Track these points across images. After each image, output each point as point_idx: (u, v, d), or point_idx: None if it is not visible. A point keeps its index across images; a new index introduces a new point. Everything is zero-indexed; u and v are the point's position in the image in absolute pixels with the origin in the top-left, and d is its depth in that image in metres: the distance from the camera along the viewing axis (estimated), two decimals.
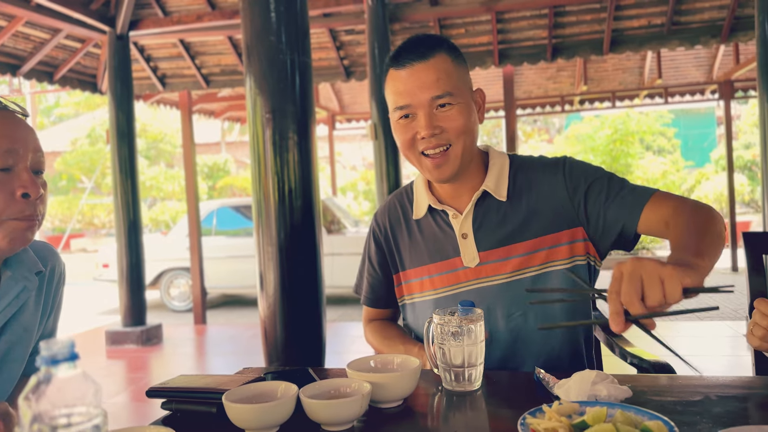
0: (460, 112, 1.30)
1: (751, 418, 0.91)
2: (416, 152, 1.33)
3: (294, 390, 0.98)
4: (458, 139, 1.31)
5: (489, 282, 1.36)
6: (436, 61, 1.29)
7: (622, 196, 1.30)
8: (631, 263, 0.92)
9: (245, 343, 5.78)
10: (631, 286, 0.90)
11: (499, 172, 1.40)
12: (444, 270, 1.41)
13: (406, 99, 1.30)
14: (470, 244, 1.38)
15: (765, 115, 4.64)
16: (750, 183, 14.24)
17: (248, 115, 2.75)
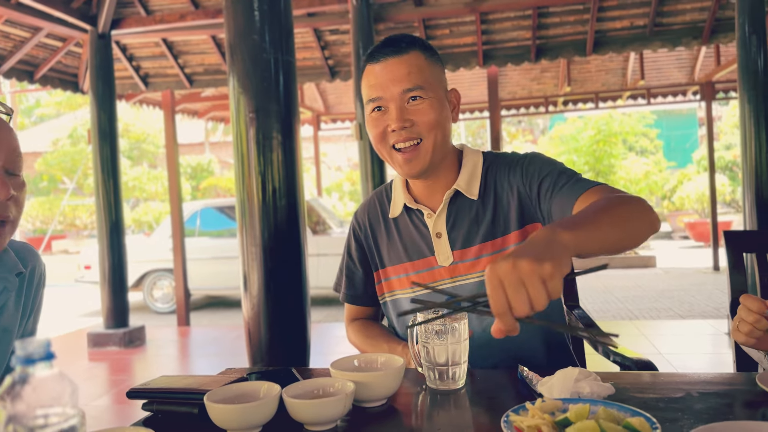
0: (432, 107, 1.31)
1: (732, 414, 0.91)
2: (387, 146, 1.34)
3: (277, 390, 0.98)
4: (429, 134, 1.32)
5: (463, 281, 1.38)
6: (409, 57, 1.32)
7: (562, 190, 1.27)
8: (491, 269, 0.84)
9: (229, 345, 5.74)
10: (498, 298, 0.82)
11: (471, 171, 1.41)
12: (420, 268, 1.43)
13: (378, 92, 1.32)
14: (444, 243, 1.39)
15: (745, 116, 4.71)
16: (731, 183, 14.43)
17: (231, 114, 2.73)
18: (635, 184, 11.20)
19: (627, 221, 1.03)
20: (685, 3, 5.60)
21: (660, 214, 15.16)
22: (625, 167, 11.35)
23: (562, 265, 0.83)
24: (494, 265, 0.83)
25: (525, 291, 0.81)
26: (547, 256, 0.83)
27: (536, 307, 0.81)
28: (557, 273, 0.82)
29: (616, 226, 1.00)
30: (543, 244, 0.86)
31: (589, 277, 8.98)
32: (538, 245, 0.86)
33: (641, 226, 1.05)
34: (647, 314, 6.15)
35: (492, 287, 0.83)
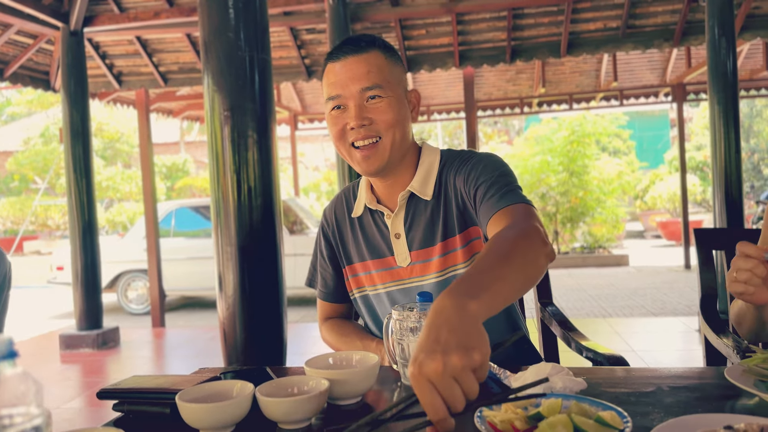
0: (390, 106, 1.32)
1: (701, 408, 0.93)
2: (346, 144, 1.34)
3: (250, 388, 0.97)
4: (387, 132, 1.32)
5: (421, 281, 1.39)
6: (369, 56, 1.32)
7: (489, 202, 1.26)
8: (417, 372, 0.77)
9: (204, 346, 5.69)
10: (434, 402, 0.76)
11: (427, 171, 1.41)
12: (380, 268, 1.44)
13: (338, 90, 1.32)
14: (402, 244, 1.41)
15: (715, 117, 4.80)
16: (702, 183, 14.72)
17: (206, 113, 2.70)
18: (608, 184, 11.34)
19: (525, 267, 1.00)
20: (656, 5, 5.69)
21: (632, 213, 15.41)
22: (599, 167, 11.49)
23: (487, 346, 0.80)
24: (420, 367, 0.77)
25: (459, 386, 0.76)
26: (472, 341, 0.79)
27: (471, 398, 0.77)
28: (486, 358, 0.79)
29: (517, 274, 0.97)
30: (459, 325, 0.81)
31: (563, 275, 9.09)
32: (454, 327, 0.80)
33: (537, 269, 1.03)
34: (620, 312, 6.24)
35: (425, 392, 0.76)
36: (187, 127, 20.42)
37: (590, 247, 10.98)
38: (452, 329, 0.80)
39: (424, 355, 0.78)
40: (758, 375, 0.96)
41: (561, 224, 11.07)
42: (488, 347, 0.80)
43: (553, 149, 11.18)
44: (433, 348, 0.78)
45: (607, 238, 11.12)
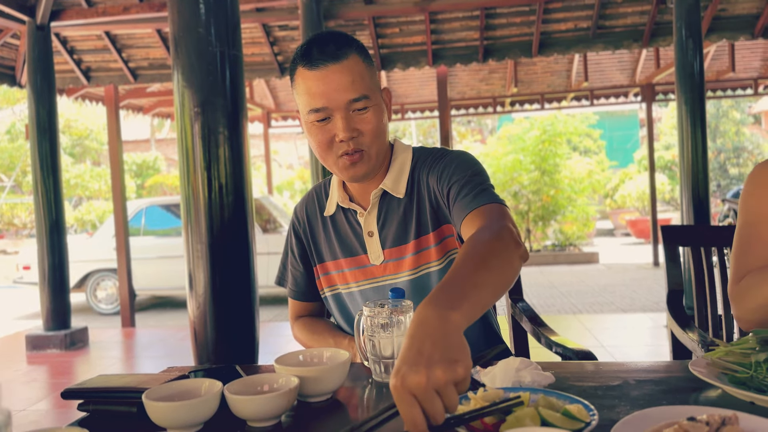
0: (375, 114, 1.30)
1: (666, 400, 0.94)
2: (334, 155, 1.31)
3: (218, 387, 0.96)
4: (374, 142, 1.31)
5: (394, 279, 1.39)
6: (350, 63, 1.27)
7: (463, 201, 1.26)
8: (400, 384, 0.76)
9: (176, 346, 5.62)
10: (415, 415, 0.75)
11: (399, 169, 1.40)
12: (354, 266, 1.43)
13: (323, 102, 1.27)
14: (375, 242, 1.40)
15: (682, 117, 4.90)
16: (670, 182, 15.00)
17: (176, 109, 2.67)
18: (579, 183, 11.49)
19: (502, 271, 1.00)
20: (626, 7, 5.78)
21: (602, 212, 15.64)
22: (570, 166, 11.64)
23: (469, 359, 0.79)
24: (403, 380, 0.75)
25: (440, 400, 0.75)
26: (456, 354, 0.78)
27: (451, 411, 0.77)
28: (468, 371, 0.78)
29: (495, 279, 0.97)
30: (443, 338, 0.80)
31: (534, 272, 9.19)
32: (437, 340, 0.80)
33: (513, 271, 1.03)
34: (590, 308, 6.33)
35: (406, 405, 0.75)
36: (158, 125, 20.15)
37: (561, 245, 11.12)
38: (435, 342, 0.79)
39: (407, 367, 0.76)
40: (721, 368, 0.98)
41: (533, 222, 11.19)
42: (470, 360, 0.80)
43: (525, 148, 11.29)
44: (416, 360, 0.77)
45: (578, 236, 11.27)
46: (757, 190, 1.32)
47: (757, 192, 1.32)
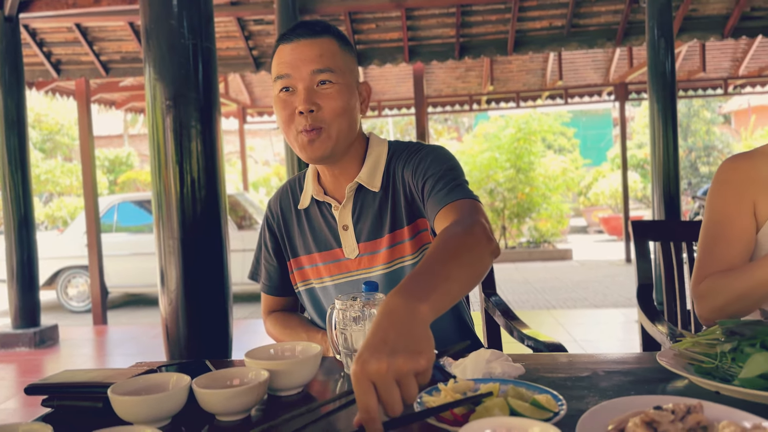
0: (340, 93, 1.29)
1: (634, 390, 0.96)
2: (294, 131, 1.30)
3: (186, 381, 0.94)
4: (334, 121, 1.29)
5: (368, 273, 1.39)
6: (323, 41, 1.30)
7: (437, 196, 1.26)
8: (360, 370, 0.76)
9: (148, 343, 5.55)
10: (368, 402, 0.74)
11: (375, 162, 1.40)
12: (328, 260, 1.43)
13: (288, 69, 1.28)
14: (350, 236, 1.39)
15: (654, 115, 4.97)
16: (642, 180, 15.23)
17: (147, 102, 2.63)
18: (553, 180, 11.61)
19: (472, 265, 1.01)
20: (599, 6, 5.85)
21: (576, 209, 15.82)
22: (544, 164, 11.76)
23: (432, 351, 0.80)
24: (363, 366, 0.75)
25: (398, 390, 0.75)
26: (420, 346, 0.79)
27: (409, 402, 0.77)
28: (431, 364, 0.78)
29: (465, 272, 0.98)
30: (408, 328, 0.81)
31: (509, 268, 9.26)
32: (403, 330, 0.80)
33: (483, 266, 1.04)
34: (564, 304, 6.40)
35: (363, 391, 0.74)
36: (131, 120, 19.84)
37: (536, 242, 11.22)
38: (401, 332, 0.80)
39: (369, 354, 0.76)
40: (688, 358, 1.00)
41: (508, 219, 11.28)
42: (433, 353, 0.80)
43: (501, 146, 11.37)
44: (379, 348, 0.77)
45: (552, 233, 11.39)
46: (722, 188, 1.33)
47: (723, 190, 1.33)
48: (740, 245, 1.29)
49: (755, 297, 1.19)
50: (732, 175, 1.33)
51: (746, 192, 1.30)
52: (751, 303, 1.21)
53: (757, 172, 1.31)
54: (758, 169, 1.31)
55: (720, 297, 1.23)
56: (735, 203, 1.30)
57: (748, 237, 1.29)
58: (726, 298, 1.22)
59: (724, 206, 1.32)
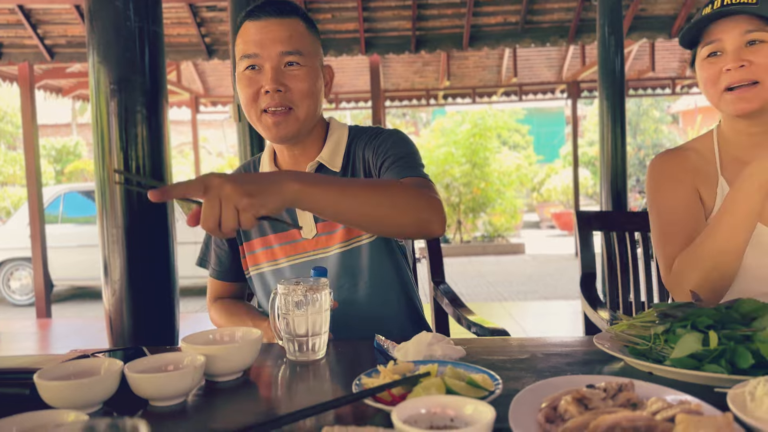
0: (308, 75, 1.31)
1: (571, 371, 0.97)
2: (258, 109, 1.31)
3: (118, 366, 0.91)
4: (302, 102, 1.31)
5: (325, 253, 1.39)
6: (291, 22, 1.30)
7: (391, 171, 1.29)
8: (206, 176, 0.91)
9: (93, 336, 5.39)
10: (211, 213, 0.90)
11: (336, 144, 1.41)
12: (283, 241, 1.42)
13: (256, 48, 1.28)
14: (308, 216, 1.39)
15: (604, 112, 5.09)
16: (593, 177, 15.60)
17: (90, 86, 2.54)
18: (507, 176, 11.78)
19: (381, 204, 1.05)
20: (553, 2, 5.95)
21: (529, 204, 16.11)
22: (499, 160, 11.92)
23: (262, 206, 0.92)
24: (223, 183, 0.89)
25: (218, 212, 0.89)
26: (255, 193, 0.91)
27: (223, 228, 0.90)
28: (251, 210, 0.91)
29: (363, 204, 1.03)
30: (263, 182, 0.94)
31: (463, 262, 9.37)
32: (258, 180, 0.94)
33: (397, 216, 1.08)
34: (515, 296, 6.51)
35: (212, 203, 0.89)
36: (80, 108, 19.23)
37: (490, 236, 11.38)
38: (260, 179, 0.95)
39: (233, 179, 0.90)
40: (624, 341, 1.02)
41: (463, 214, 11.39)
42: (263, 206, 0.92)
43: (457, 141, 11.48)
44: (241, 179, 0.91)
45: (506, 228, 11.57)
46: (662, 181, 1.34)
47: (663, 182, 1.34)
48: (698, 225, 1.27)
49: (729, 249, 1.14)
50: (668, 167, 1.35)
51: (686, 180, 1.33)
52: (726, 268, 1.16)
53: (691, 163, 1.34)
54: (691, 160, 1.35)
55: (694, 273, 1.19)
56: (679, 192, 1.32)
57: (702, 218, 1.30)
58: (699, 272, 1.18)
59: (666, 200, 1.32)
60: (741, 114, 1.23)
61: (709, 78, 1.25)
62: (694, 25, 1.25)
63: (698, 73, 1.29)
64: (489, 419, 0.64)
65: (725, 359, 0.87)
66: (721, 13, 1.21)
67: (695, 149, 1.37)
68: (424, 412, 0.70)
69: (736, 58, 1.20)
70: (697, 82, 1.33)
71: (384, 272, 1.40)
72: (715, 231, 1.16)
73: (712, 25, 1.23)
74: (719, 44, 1.22)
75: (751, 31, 1.19)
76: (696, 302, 1.00)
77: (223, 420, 0.87)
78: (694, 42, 1.29)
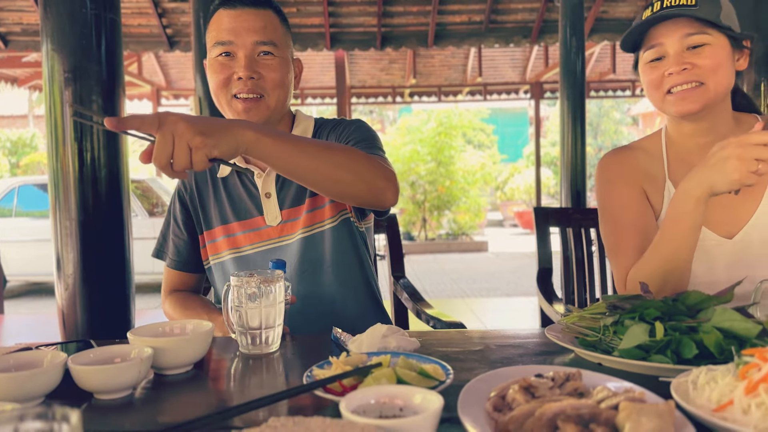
0: (281, 65, 1.34)
1: (522, 362, 0.98)
2: (228, 94, 1.33)
3: (62, 358, 0.88)
4: (273, 91, 1.33)
5: (289, 239, 1.39)
6: (266, 13, 1.34)
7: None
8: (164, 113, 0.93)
9: (46, 333, 5.23)
10: (163, 148, 0.92)
11: (302, 133, 1.44)
12: (247, 228, 1.42)
13: (231, 36, 1.31)
14: (273, 203, 1.40)
15: (565, 112, 5.17)
16: (555, 177, 15.85)
17: (44, 75, 2.47)
18: (472, 174, 11.88)
19: (336, 165, 1.11)
20: (516, 3, 6.01)
21: (493, 203, 16.29)
22: (464, 159, 12.01)
23: (215, 146, 0.94)
24: (178, 122, 0.92)
25: (171, 148, 0.92)
26: (209, 133, 0.94)
27: (175, 165, 0.93)
28: (204, 149, 0.93)
29: (317, 160, 1.08)
30: (218, 124, 0.97)
31: (428, 259, 9.41)
32: (213, 122, 0.96)
33: (351, 179, 1.13)
34: (477, 293, 6.57)
35: (165, 140, 0.91)
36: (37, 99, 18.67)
37: (454, 234, 11.46)
38: (216, 122, 0.97)
39: (188, 118, 0.93)
40: (575, 332, 1.03)
41: (428, 212, 11.45)
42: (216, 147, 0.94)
43: (423, 140, 11.52)
44: (196, 121, 0.94)
45: (470, 226, 11.66)
46: (611, 181, 1.35)
47: (612, 183, 1.34)
48: (648, 230, 1.28)
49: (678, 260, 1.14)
50: (617, 168, 1.36)
51: (635, 181, 1.34)
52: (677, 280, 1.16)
53: (639, 162, 1.36)
54: (639, 160, 1.36)
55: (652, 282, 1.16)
56: (628, 193, 1.32)
57: (652, 221, 1.30)
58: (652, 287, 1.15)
59: (618, 201, 1.33)
60: (685, 115, 1.23)
61: (652, 82, 1.25)
62: (635, 29, 1.24)
63: (641, 76, 1.29)
64: (437, 408, 0.64)
65: (671, 350, 0.88)
66: (661, 17, 1.20)
67: (643, 149, 1.38)
68: (373, 402, 0.70)
69: (678, 61, 1.20)
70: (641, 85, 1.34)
71: (346, 259, 1.41)
72: (662, 247, 1.16)
73: (653, 28, 1.23)
74: (661, 48, 1.22)
75: (691, 34, 1.19)
76: (645, 294, 1.02)
77: (170, 413, 0.85)
78: (636, 46, 1.29)
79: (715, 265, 1.25)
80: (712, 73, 1.19)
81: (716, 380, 0.74)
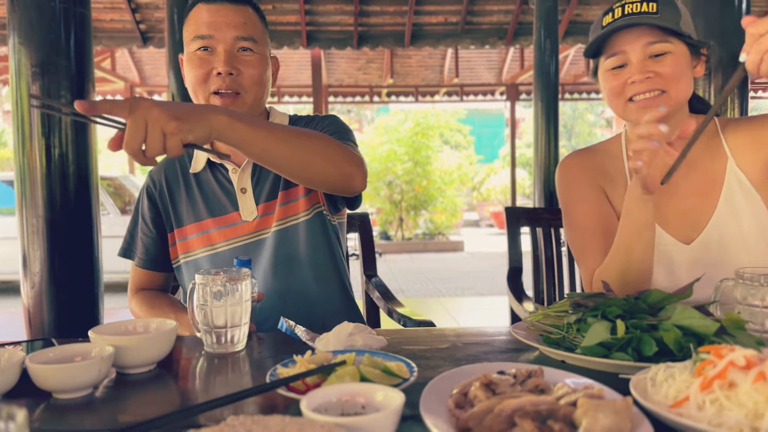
0: (260, 62, 1.34)
1: (487, 360, 0.98)
2: (207, 91, 1.32)
3: (19, 356, 0.86)
4: (251, 88, 1.33)
5: (264, 234, 1.39)
6: (245, 10, 1.34)
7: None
8: (136, 98, 0.92)
9: (12, 333, 5.13)
10: (135, 133, 0.90)
11: None
12: (222, 225, 1.41)
13: (210, 30, 1.30)
14: (249, 199, 1.39)
15: (538, 114, 5.22)
16: (530, 177, 16.00)
17: (11, 69, 2.42)
18: (448, 175, 11.94)
19: (307, 150, 1.11)
20: (492, 4, 6.06)
21: (469, 203, 16.39)
22: (441, 159, 12.08)
23: (189, 131, 0.94)
24: (151, 107, 0.90)
25: (143, 133, 0.90)
26: (183, 118, 0.93)
27: (148, 152, 0.92)
28: (178, 134, 0.92)
29: (288, 144, 1.09)
30: (191, 109, 0.96)
31: (404, 259, 9.43)
32: (187, 107, 0.96)
33: (321, 164, 1.14)
34: (453, 292, 6.60)
35: (137, 126, 0.90)
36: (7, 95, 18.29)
37: (431, 234, 11.51)
38: (189, 107, 0.96)
39: (161, 104, 0.92)
40: (539, 330, 1.04)
41: (405, 211, 11.48)
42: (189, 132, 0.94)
43: (400, 139, 11.55)
44: (170, 106, 0.93)
45: (446, 226, 11.72)
46: (572, 183, 1.36)
47: (574, 184, 1.36)
48: (610, 231, 1.28)
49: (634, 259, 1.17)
50: (578, 170, 1.37)
51: (595, 182, 1.35)
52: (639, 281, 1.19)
53: (600, 164, 1.37)
54: (600, 161, 1.38)
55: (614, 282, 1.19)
56: (589, 195, 1.33)
57: (614, 222, 1.31)
58: (617, 290, 1.18)
59: (580, 202, 1.34)
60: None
61: (614, 89, 1.25)
62: (598, 37, 1.24)
63: (602, 83, 1.28)
64: (398, 405, 0.64)
65: (632, 347, 0.90)
66: (624, 25, 1.20)
67: (604, 150, 1.39)
68: (335, 400, 0.70)
69: (641, 69, 1.20)
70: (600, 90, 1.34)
71: (320, 254, 1.41)
72: (618, 243, 1.18)
73: (615, 36, 1.23)
74: (623, 56, 1.22)
75: (653, 42, 1.19)
76: (607, 293, 1.04)
77: (132, 412, 0.83)
78: (596, 52, 1.28)
79: (676, 269, 1.27)
80: (675, 81, 1.20)
81: (674, 377, 0.76)
